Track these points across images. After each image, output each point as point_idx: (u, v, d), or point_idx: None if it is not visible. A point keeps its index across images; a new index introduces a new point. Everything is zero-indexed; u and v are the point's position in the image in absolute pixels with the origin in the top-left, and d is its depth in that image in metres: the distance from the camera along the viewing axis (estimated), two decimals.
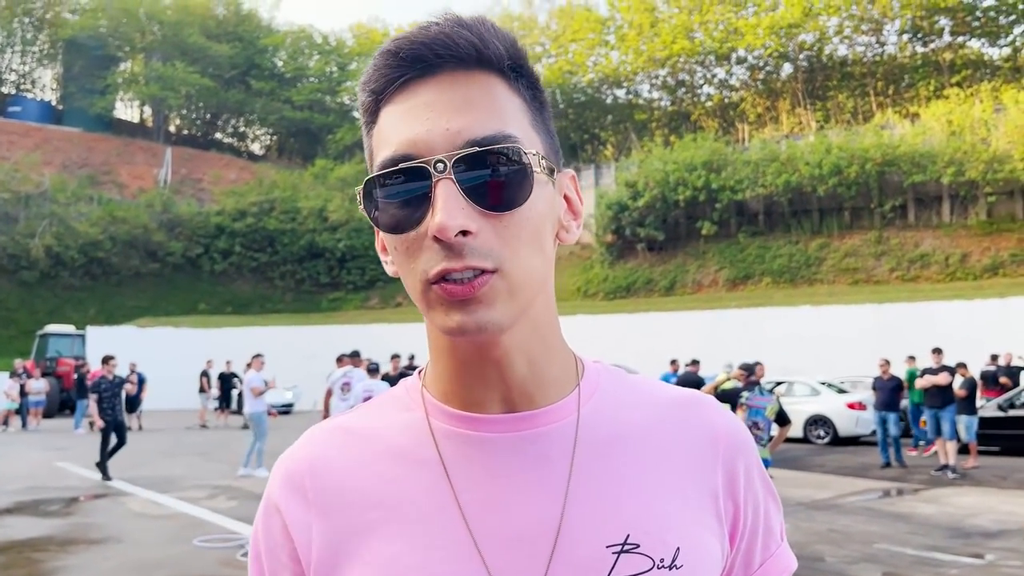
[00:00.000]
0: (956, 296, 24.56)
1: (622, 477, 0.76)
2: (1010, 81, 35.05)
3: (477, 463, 0.75)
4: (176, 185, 46.61)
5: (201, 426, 22.68)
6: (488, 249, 0.67)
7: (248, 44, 55.79)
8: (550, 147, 0.76)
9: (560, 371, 0.78)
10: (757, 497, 0.82)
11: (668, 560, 0.72)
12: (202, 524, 8.74)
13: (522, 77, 0.74)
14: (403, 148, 0.68)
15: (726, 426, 0.82)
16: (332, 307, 40.05)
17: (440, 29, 0.70)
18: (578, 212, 0.79)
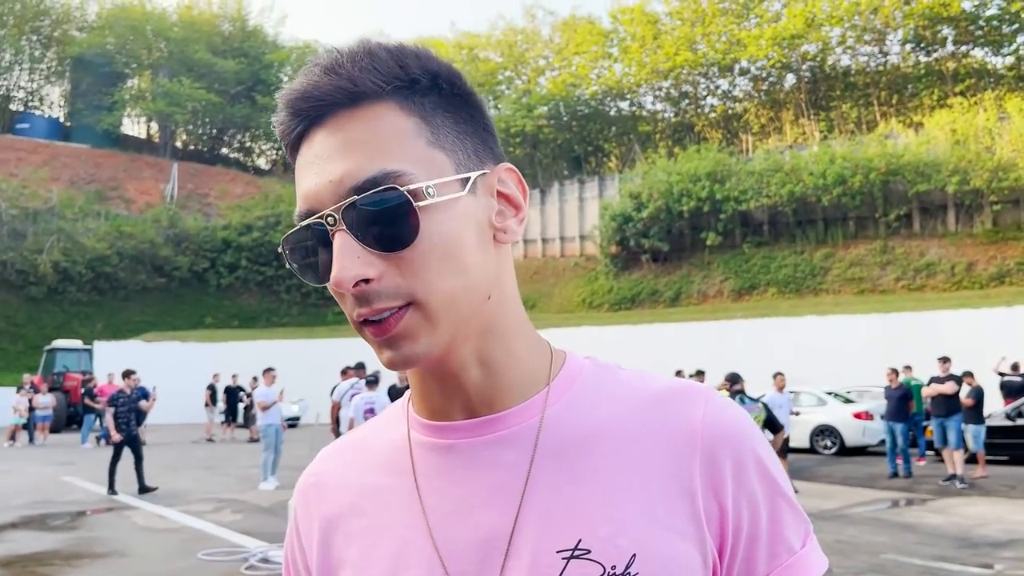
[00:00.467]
0: (962, 305, 24.46)
1: (580, 480, 0.74)
2: (1014, 90, 35.02)
3: (442, 470, 0.77)
4: (183, 200, 46.83)
5: (207, 440, 22.70)
6: (395, 288, 0.69)
7: (254, 60, 56.13)
8: (468, 151, 0.75)
9: (525, 373, 0.78)
10: (755, 497, 0.74)
11: (621, 567, 0.70)
12: (207, 538, 8.75)
13: (416, 92, 0.73)
14: (303, 204, 0.71)
15: (710, 417, 0.75)
16: (338, 320, 40.05)
17: (307, 81, 0.72)
18: (519, 206, 0.78)
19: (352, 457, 0.85)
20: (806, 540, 0.77)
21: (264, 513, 10.29)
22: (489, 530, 0.73)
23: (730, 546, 0.74)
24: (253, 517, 10.08)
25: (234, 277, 41.96)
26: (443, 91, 0.75)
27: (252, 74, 55.51)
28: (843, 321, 25.00)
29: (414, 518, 0.76)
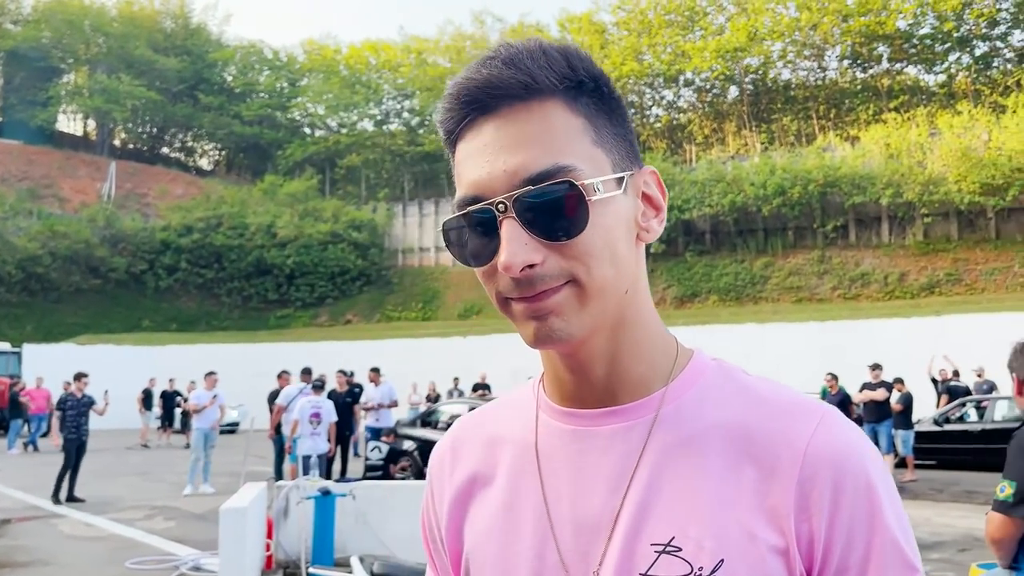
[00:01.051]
0: (894, 314, 25.22)
1: (683, 479, 0.76)
2: (945, 107, 36.26)
3: (562, 453, 0.82)
4: (120, 200, 45.63)
5: (142, 446, 22.12)
6: (558, 270, 0.73)
7: (197, 58, 55.05)
8: (622, 153, 0.79)
9: (649, 369, 0.81)
10: (853, 526, 0.72)
11: (707, 570, 0.71)
12: (136, 546, 8.51)
13: (583, 93, 0.77)
14: (471, 190, 0.75)
15: (819, 438, 0.74)
16: (280, 324, 39.49)
17: (489, 73, 0.74)
18: (660, 207, 0.82)
19: (486, 428, 0.91)
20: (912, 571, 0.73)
21: (197, 520, 10.06)
22: (595, 516, 0.78)
23: (818, 568, 0.73)
24: (186, 524, 9.84)
25: (173, 279, 41.01)
26: (603, 94, 0.79)
27: (195, 72, 54.43)
28: (782, 328, 25.53)
29: (534, 492, 0.82)
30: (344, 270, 41.07)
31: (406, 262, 42.52)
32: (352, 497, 6.90)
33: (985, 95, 36.97)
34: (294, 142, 51.48)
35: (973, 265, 28.87)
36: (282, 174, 49.03)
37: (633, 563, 0.74)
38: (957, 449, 15.09)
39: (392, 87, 52.36)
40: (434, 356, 28.49)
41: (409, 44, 52.82)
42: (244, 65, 56.14)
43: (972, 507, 10.71)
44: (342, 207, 44.11)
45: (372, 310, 39.64)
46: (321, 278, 40.91)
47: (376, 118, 52.48)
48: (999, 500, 2.71)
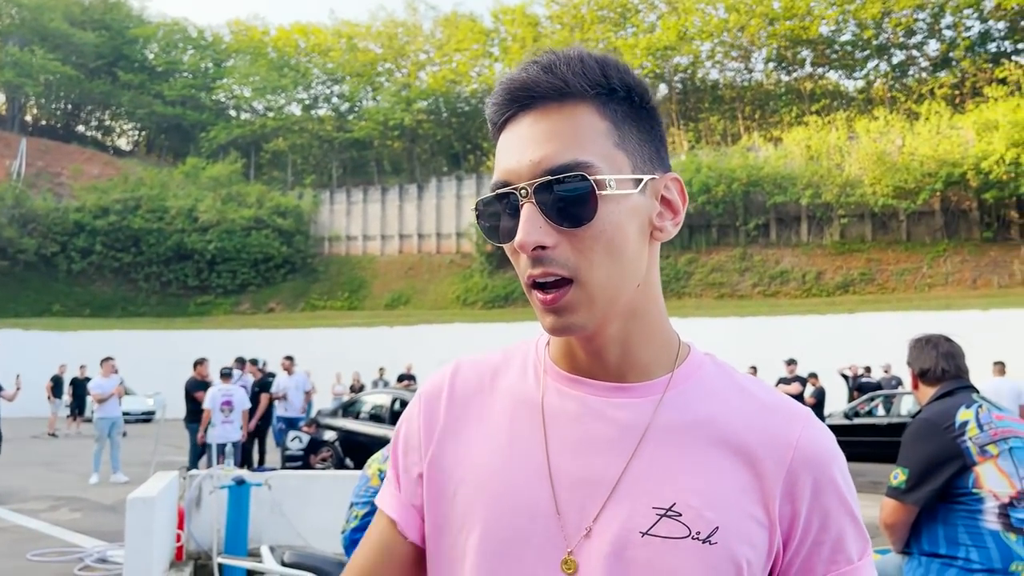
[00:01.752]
0: (811, 311, 26.05)
1: (684, 456, 0.86)
2: (863, 112, 37.54)
3: (568, 415, 0.90)
4: (31, 178, 43.63)
5: (50, 435, 21.25)
6: (564, 259, 0.83)
7: (116, 34, 52.95)
8: (645, 157, 0.88)
9: (655, 356, 0.91)
10: (826, 512, 0.87)
11: (704, 535, 0.83)
12: (39, 537, 8.16)
13: (613, 100, 0.86)
14: (502, 176, 0.86)
15: (806, 439, 0.88)
16: (200, 311, 38.42)
17: (527, 75, 0.85)
18: (677, 211, 0.90)
19: (487, 377, 0.98)
20: (863, 555, 0.90)
21: (106, 511, 9.71)
22: (597, 473, 0.86)
23: (795, 543, 0.87)
24: (93, 515, 9.49)
25: (87, 263, 39.44)
26: (633, 103, 0.88)
27: (114, 49, 52.39)
28: (703, 323, 26.08)
29: (536, 444, 0.90)
30: (268, 257, 40.16)
31: (332, 250, 41.87)
32: (268, 487, 6.74)
33: (900, 102, 38.43)
34: (218, 124, 50.04)
35: (885, 265, 30.01)
36: (205, 157, 47.61)
37: (634, 521, 0.84)
38: (865, 442, 15.65)
39: (321, 71, 51.41)
40: (359, 346, 28.18)
41: (340, 28, 51.96)
42: (167, 43, 54.29)
43: (877, 497, 11.04)
44: (267, 192, 43.08)
45: (296, 299, 38.92)
46: (244, 265, 39.94)
47: (304, 102, 51.46)
48: (892, 487, 2.81)
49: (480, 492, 0.90)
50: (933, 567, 2.74)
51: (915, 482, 2.73)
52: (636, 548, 0.83)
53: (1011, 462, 2.68)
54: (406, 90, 47.56)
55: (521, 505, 0.88)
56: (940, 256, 29.63)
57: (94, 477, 12.31)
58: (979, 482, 2.66)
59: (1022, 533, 2.63)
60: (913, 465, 2.76)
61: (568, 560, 0.84)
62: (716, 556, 0.82)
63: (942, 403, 2.86)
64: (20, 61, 47.10)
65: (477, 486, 0.90)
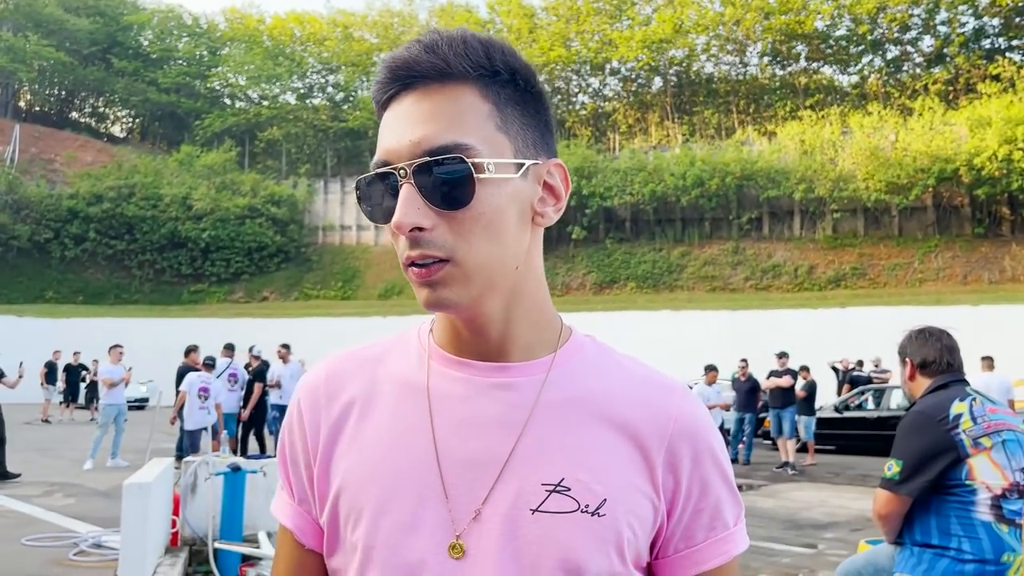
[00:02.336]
0: (802, 305, 26.18)
1: (570, 432, 0.88)
2: (857, 107, 37.60)
3: (454, 397, 0.90)
4: (24, 164, 43.44)
5: (43, 421, 21.28)
6: (442, 241, 0.82)
7: (110, 20, 52.60)
8: (528, 142, 0.88)
9: (538, 337, 0.92)
10: (705, 481, 0.91)
11: (592, 507, 0.85)
12: (33, 522, 8.22)
13: (496, 83, 0.86)
14: (382, 155, 0.84)
15: (683, 412, 0.91)
16: (193, 300, 38.39)
17: (409, 55, 0.84)
18: (559, 197, 0.91)
19: (369, 365, 0.97)
20: (738, 521, 0.95)
21: (100, 497, 9.77)
22: (485, 454, 0.87)
23: (678, 512, 0.90)
24: (88, 501, 9.56)
25: (80, 249, 39.34)
26: (518, 86, 0.88)
27: (108, 35, 52.05)
28: (695, 316, 26.22)
29: (422, 428, 0.89)
30: (262, 246, 40.12)
31: (326, 240, 41.84)
32: (263, 474, 6.81)
33: (894, 97, 38.51)
34: (213, 112, 49.83)
35: (877, 260, 30.16)
36: (199, 145, 47.44)
37: (524, 499, 0.85)
38: (855, 435, 15.81)
39: (317, 60, 51.20)
40: (353, 336, 28.19)
41: (336, 18, 51.74)
42: (161, 30, 53.98)
43: (866, 490, 11.26)
44: (261, 181, 42.98)
45: (290, 288, 38.91)
46: (237, 253, 39.89)
47: (299, 92, 51.28)
48: (886, 478, 2.87)
49: (367, 481, 0.89)
50: (925, 557, 2.80)
51: (909, 474, 2.79)
52: (527, 525, 0.84)
53: (1004, 454, 2.74)
54: None
55: (409, 490, 0.87)
56: (931, 251, 29.79)
57: (89, 463, 12.38)
58: (972, 474, 2.72)
59: (1014, 524, 2.69)
60: (907, 457, 2.81)
61: (456, 544, 0.85)
62: (604, 527, 0.85)
63: (936, 396, 2.90)
64: (14, 47, 46.81)
65: (364, 476, 0.89)
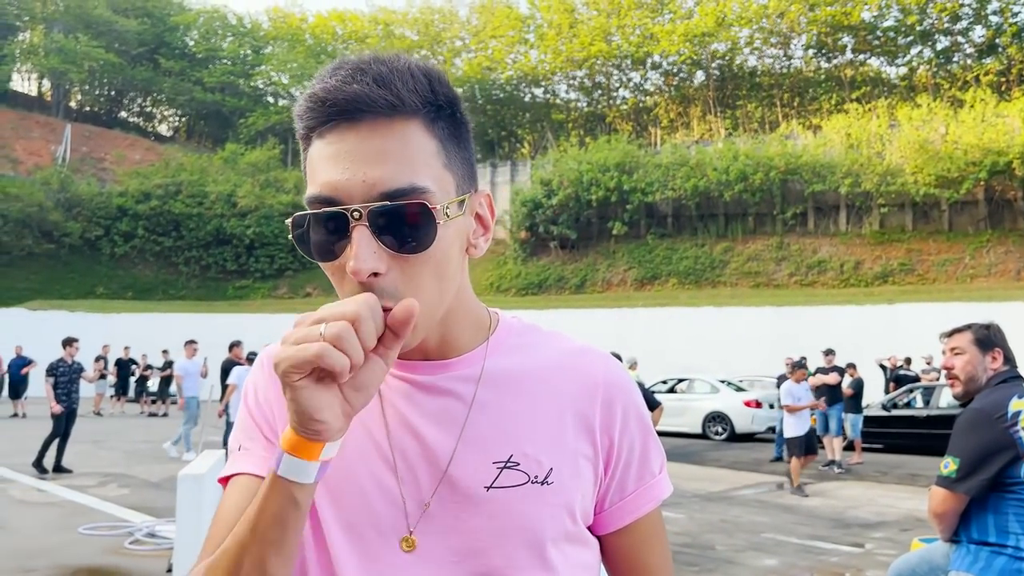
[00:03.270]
0: (849, 301, 25.73)
1: (511, 411, 0.94)
2: (905, 99, 36.85)
3: (402, 396, 0.95)
4: (76, 163, 44.53)
5: (96, 413, 21.82)
6: (394, 288, 0.81)
7: (158, 21, 53.67)
8: (464, 175, 0.89)
9: (471, 333, 0.98)
10: (633, 435, 0.98)
11: (541, 477, 0.91)
12: (89, 512, 8.44)
13: (440, 118, 0.86)
14: (326, 191, 0.81)
15: (608, 373, 0.98)
16: (239, 295, 39.01)
17: (360, 88, 0.80)
18: (488, 227, 0.95)
19: None
20: (663, 469, 1.04)
21: (153, 488, 10.00)
22: (435, 443, 0.92)
23: (612, 468, 0.98)
24: (141, 492, 9.78)
25: (129, 246, 40.22)
26: (455, 118, 0.88)
27: (155, 36, 53.10)
28: (738, 313, 25.92)
29: (377, 427, 0.94)
30: None
31: None
32: None
33: (944, 89, 37.63)
34: (256, 111, 50.59)
35: (926, 256, 29.52)
36: (243, 143, 48.20)
37: (478, 478, 0.90)
38: (903, 434, 15.53)
39: None
40: None
41: (377, 15, 52.15)
42: (207, 30, 54.91)
43: (915, 489, 11.07)
44: (304, 178, 43.44)
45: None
46: (281, 249, 40.43)
47: None
48: (943, 475, 2.83)
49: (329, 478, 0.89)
50: (982, 555, 2.77)
51: (966, 472, 2.75)
52: (483, 503, 0.90)
53: None
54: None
55: (365, 489, 0.91)
56: (983, 247, 29.06)
57: (188, 454, 12.60)
58: None
59: None
60: (964, 455, 2.77)
61: (408, 539, 0.89)
62: (554, 494, 0.92)
63: (994, 393, 2.86)
64: (65, 48, 47.97)
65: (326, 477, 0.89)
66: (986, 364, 2.98)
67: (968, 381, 2.99)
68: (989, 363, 2.98)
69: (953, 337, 3.04)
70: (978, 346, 2.99)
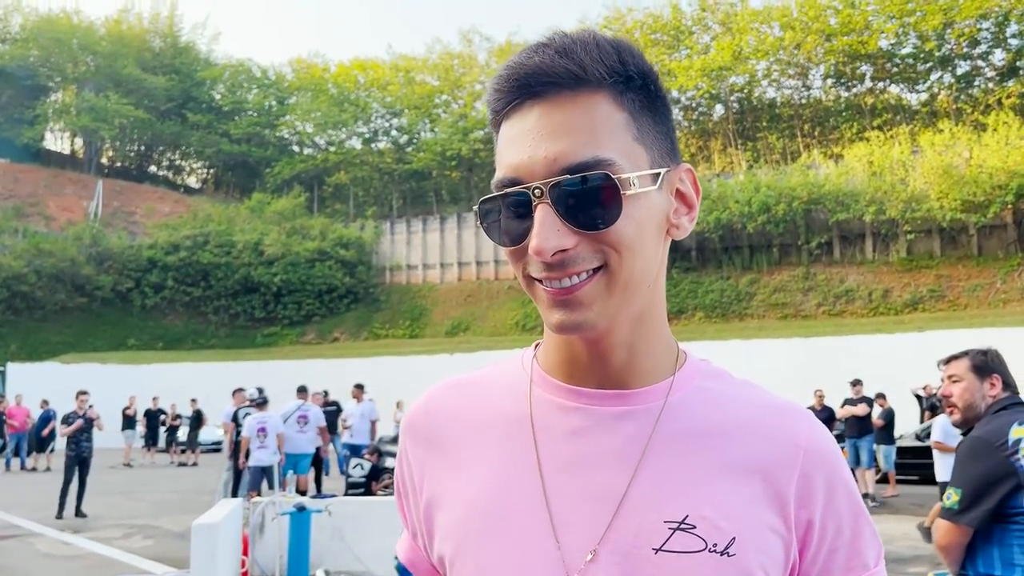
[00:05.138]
0: (878, 330, 25.35)
1: (692, 463, 0.81)
2: (927, 125, 36.65)
3: (562, 428, 0.84)
4: (107, 218, 45.52)
5: (126, 464, 21.97)
6: (589, 255, 0.76)
7: (185, 77, 55.10)
8: (662, 150, 0.82)
9: (657, 362, 0.85)
10: (840, 515, 0.83)
11: (721, 546, 0.77)
12: (112, 564, 8.46)
13: (630, 89, 0.79)
14: (510, 172, 0.77)
15: (813, 439, 0.84)
16: (267, 342, 39.35)
17: (541, 60, 0.77)
18: (692, 205, 0.85)
19: (462, 394, 0.93)
20: (879, 560, 0.86)
21: (176, 538, 10.00)
22: (602, 489, 0.80)
23: (812, 551, 0.82)
24: (165, 542, 9.80)
25: (159, 297, 40.86)
26: (649, 91, 0.81)
27: (183, 91, 54.48)
28: (766, 345, 25.62)
29: (528, 466, 0.83)
30: (331, 288, 41.02)
31: (394, 279, 42.51)
32: (328, 513, 6.90)
33: (967, 113, 37.40)
34: (282, 160, 51.52)
35: (956, 281, 29.09)
36: (270, 192, 49.04)
37: (645, 538, 0.78)
38: None
39: (380, 105, 52.52)
40: (421, 373, 28.42)
41: (397, 63, 53.05)
42: (232, 83, 56.21)
43: None
44: (330, 225, 44.11)
45: (359, 328, 39.56)
46: (308, 296, 40.84)
47: (364, 136, 52.62)
48: (946, 507, 2.77)
49: (473, 522, 0.84)
50: None
51: (969, 502, 2.69)
52: (649, 566, 0.78)
53: None
54: (463, 120, 48.20)
55: (515, 532, 0.81)
56: (1014, 270, 28.59)
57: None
58: None
59: None
60: (966, 485, 2.72)
61: None
62: (735, 568, 0.77)
63: (995, 420, 2.80)
64: (96, 107, 49.35)
65: (469, 516, 0.85)
66: (984, 391, 2.91)
67: (966, 409, 2.92)
68: (987, 390, 2.91)
69: (950, 364, 2.99)
70: (976, 373, 2.93)
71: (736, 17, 42.34)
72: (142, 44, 55.54)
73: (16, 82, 51.08)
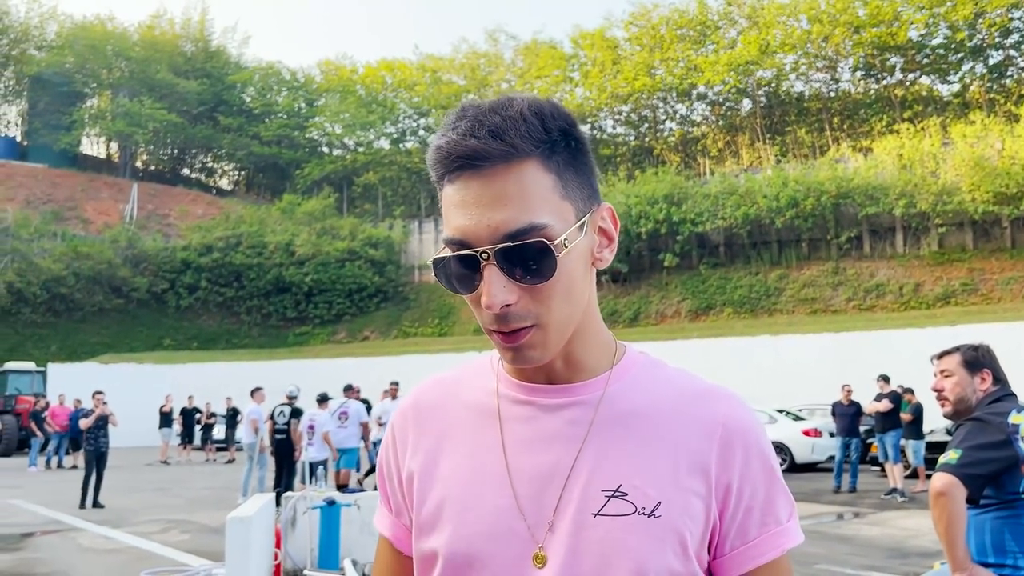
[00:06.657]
0: (909, 325, 25.08)
1: (626, 442, 0.97)
2: (958, 116, 36.12)
3: (521, 419, 1.01)
4: (142, 220, 46.38)
5: (162, 462, 22.45)
6: (527, 312, 0.91)
7: (216, 80, 55.88)
8: (584, 197, 0.96)
9: (596, 359, 1.02)
10: (755, 479, 0.97)
11: (648, 509, 0.94)
12: (151, 557, 8.74)
13: (556, 152, 0.93)
14: (458, 234, 0.92)
15: (731, 415, 0.99)
16: (299, 341, 39.87)
17: (477, 143, 0.90)
18: (612, 238, 1.01)
19: (443, 390, 1.10)
20: (791, 518, 1.01)
21: (213, 533, 10.28)
22: (551, 466, 0.97)
23: (731, 511, 0.97)
24: (201, 537, 10.08)
25: (194, 298, 41.57)
26: (570, 147, 0.96)
27: (214, 95, 55.26)
28: (796, 340, 25.46)
29: (495, 448, 1.00)
30: (361, 287, 41.45)
31: (422, 278, 42.83)
32: (357, 507, 7.10)
33: (999, 104, 36.80)
34: (312, 161, 52.09)
35: (989, 275, 28.68)
36: (300, 193, 49.63)
37: (586, 504, 0.94)
38: None
39: (408, 105, 52.90)
40: None
41: (424, 63, 53.37)
42: (263, 86, 56.89)
43: None
44: (359, 225, 44.55)
45: (389, 326, 39.94)
46: (339, 295, 41.30)
47: (392, 136, 53.03)
48: (943, 463, 2.76)
49: (448, 502, 1.00)
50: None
51: (967, 461, 2.72)
52: (590, 529, 0.93)
53: None
54: None
55: (486, 509, 0.97)
56: None
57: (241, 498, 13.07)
58: None
59: None
60: (967, 447, 2.76)
61: (539, 555, 0.94)
62: (660, 527, 0.93)
63: (993, 407, 2.88)
64: (130, 112, 50.26)
65: (445, 496, 1.00)
66: (975, 385, 2.99)
67: (957, 402, 3.01)
68: (978, 384, 3.00)
69: (942, 360, 3.08)
70: (966, 368, 3.02)
71: (763, 11, 42.01)
72: (174, 49, 56.43)
73: (53, 88, 52.17)
